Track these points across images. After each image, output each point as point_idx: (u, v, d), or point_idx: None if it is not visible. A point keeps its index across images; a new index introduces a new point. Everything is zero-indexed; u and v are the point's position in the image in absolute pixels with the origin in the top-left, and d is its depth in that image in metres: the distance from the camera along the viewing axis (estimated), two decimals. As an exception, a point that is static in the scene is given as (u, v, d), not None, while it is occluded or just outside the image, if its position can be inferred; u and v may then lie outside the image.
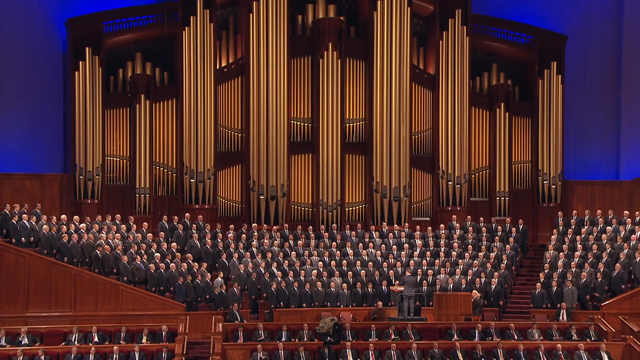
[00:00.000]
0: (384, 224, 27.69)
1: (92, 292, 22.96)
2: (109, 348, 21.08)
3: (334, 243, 26.26)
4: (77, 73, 26.97)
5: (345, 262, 25.59)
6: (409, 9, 28.59)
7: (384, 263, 25.65)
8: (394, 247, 26.23)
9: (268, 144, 27.99)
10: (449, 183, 28.88)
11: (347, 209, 28.66)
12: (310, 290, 24.30)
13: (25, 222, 23.75)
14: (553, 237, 26.53)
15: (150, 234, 25.43)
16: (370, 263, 25.46)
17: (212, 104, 27.89)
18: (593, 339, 22.44)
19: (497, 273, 24.98)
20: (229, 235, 25.93)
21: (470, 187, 29.24)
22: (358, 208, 28.80)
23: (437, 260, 25.76)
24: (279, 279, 24.33)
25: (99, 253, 23.65)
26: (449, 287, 24.72)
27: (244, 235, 26.12)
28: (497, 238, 26.65)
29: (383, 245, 26.32)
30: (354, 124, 28.94)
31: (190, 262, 24.62)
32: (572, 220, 26.91)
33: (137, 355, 20.93)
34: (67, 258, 23.35)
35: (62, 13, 27.84)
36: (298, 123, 28.67)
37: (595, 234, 25.98)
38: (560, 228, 26.80)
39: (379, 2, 28.34)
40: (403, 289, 23.48)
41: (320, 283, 24.51)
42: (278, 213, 27.88)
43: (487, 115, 29.63)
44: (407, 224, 27.69)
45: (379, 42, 28.43)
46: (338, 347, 21.66)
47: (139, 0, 28.77)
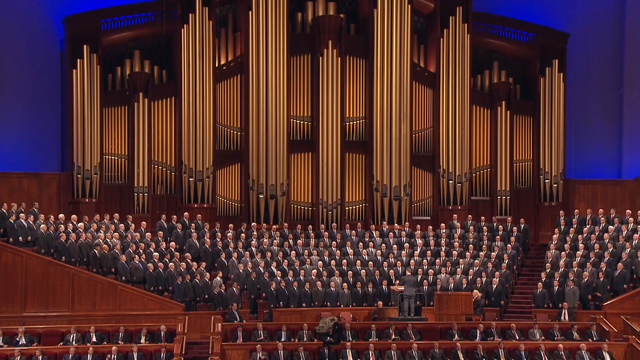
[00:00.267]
0: (384, 223, 27.66)
1: (90, 291, 22.92)
2: (107, 348, 21.06)
3: (334, 242, 26.22)
4: (74, 71, 26.98)
5: (345, 261, 25.56)
6: (410, 7, 28.55)
7: (384, 262, 25.61)
8: (395, 246, 26.19)
9: (267, 143, 27.94)
10: (450, 182, 28.82)
11: (347, 208, 28.62)
12: (310, 290, 24.26)
13: (23, 221, 23.67)
14: (555, 236, 26.51)
15: (149, 233, 25.43)
16: (371, 262, 25.43)
17: (211, 102, 27.86)
18: (595, 339, 22.40)
19: (498, 273, 24.95)
20: (228, 235, 25.90)
21: (471, 186, 29.19)
22: (358, 207, 28.75)
23: (437, 260, 25.73)
24: (279, 279, 24.31)
25: (97, 252, 23.62)
26: (450, 286, 24.69)
27: (243, 235, 26.08)
28: (498, 237, 26.63)
29: (383, 245, 26.29)
30: (354, 123, 28.88)
31: (189, 261, 24.60)
32: (573, 220, 26.89)
33: (135, 356, 20.91)
34: (64, 257, 23.32)
35: (59, 10, 27.82)
36: (298, 121, 28.63)
37: (597, 233, 25.94)
38: (562, 227, 26.77)
39: (379, -1, 28.40)
40: (403, 289, 23.44)
41: (320, 283, 24.47)
42: (277, 212, 27.82)
43: (488, 114, 29.58)
44: (407, 223, 27.66)
45: (379, 39, 28.38)
46: (338, 347, 21.66)
47: (137, -2, 28.80)
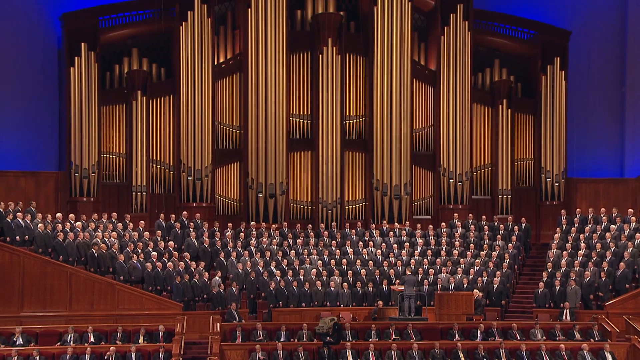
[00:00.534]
0: (385, 222, 27.64)
1: (87, 291, 22.92)
2: (105, 348, 21.05)
3: (334, 242, 26.19)
4: (72, 69, 26.98)
5: (345, 261, 25.54)
6: (410, 4, 28.50)
7: (385, 262, 25.58)
8: (395, 245, 26.18)
9: (267, 141, 27.91)
10: (451, 181, 28.76)
11: (347, 207, 28.56)
12: (310, 290, 24.23)
13: (20, 220, 23.67)
14: (556, 235, 26.48)
15: (147, 233, 25.40)
16: (371, 262, 25.40)
17: (209, 101, 27.83)
18: (597, 339, 22.39)
19: (499, 272, 24.94)
20: (227, 234, 25.86)
21: (472, 185, 29.15)
22: (358, 206, 28.70)
23: (438, 259, 25.70)
24: (278, 278, 24.29)
25: (95, 252, 23.60)
26: (451, 286, 24.68)
27: (242, 234, 26.03)
28: (499, 237, 26.61)
29: (383, 244, 26.26)
30: (354, 121, 28.82)
31: (188, 261, 24.56)
32: (575, 219, 26.86)
33: (133, 356, 20.91)
34: (62, 257, 23.30)
35: (57, 8, 27.80)
36: (297, 120, 28.56)
37: (599, 233, 25.89)
38: (564, 226, 26.74)
39: (380, -4, 28.36)
40: (404, 289, 23.39)
41: (320, 282, 24.44)
42: (277, 211, 27.76)
43: (489, 112, 29.55)
44: (408, 222, 27.64)
45: (380, 37, 28.33)
46: (338, 347, 21.65)
47: (136, -5, 28.72)
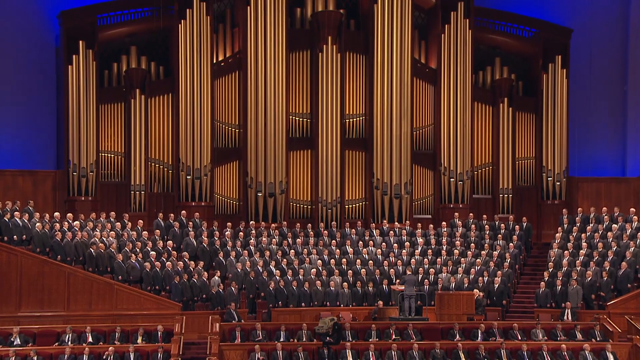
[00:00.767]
0: (385, 222, 27.63)
1: (86, 291, 22.89)
2: (104, 349, 21.03)
3: (334, 241, 26.15)
4: (70, 67, 26.95)
5: (345, 260, 25.51)
6: (410, 2, 28.49)
7: (385, 261, 25.56)
8: (395, 245, 26.16)
9: (266, 140, 27.88)
10: (451, 180, 28.71)
11: (346, 207, 28.51)
12: (309, 290, 24.21)
13: (17, 219, 23.67)
14: (557, 235, 26.45)
15: (146, 232, 25.34)
16: (371, 261, 25.37)
17: (208, 99, 27.80)
18: (598, 340, 22.38)
19: (500, 272, 24.94)
20: (226, 233, 25.82)
21: (473, 184, 29.12)
22: (358, 205, 28.65)
23: (438, 259, 25.67)
24: (278, 278, 24.27)
25: (93, 251, 23.59)
26: (451, 286, 24.64)
27: (242, 233, 25.99)
28: (500, 236, 26.58)
29: (384, 244, 26.23)
30: (354, 120, 28.76)
31: (187, 260, 24.54)
32: (577, 218, 26.83)
33: (132, 356, 20.90)
34: (60, 256, 23.29)
35: (54, 5, 27.80)
36: (297, 118, 28.51)
37: (601, 232, 25.87)
38: (565, 226, 26.70)
39: (380, -6, 28.34)
40: (404, 288, 23.39)
41: (320, 282, 24.42)
42: (276, 210, 27.72)
43: (490, 111, 29.53)
44: (408, 222, 27.60)
45: (380, 35, 28.29)
46: (338, 347, 21.63)
47: (134, -7, 28.70)
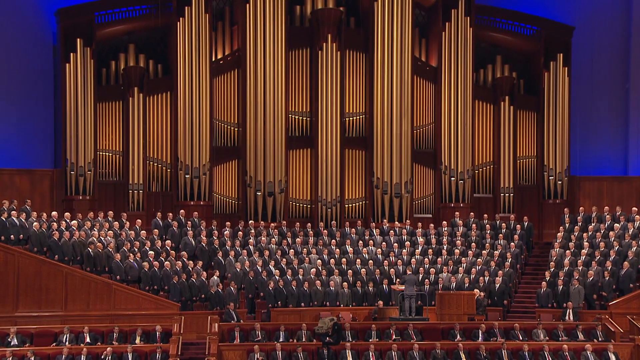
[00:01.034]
0: (385, 221, 27.60)
1: (83, 291, 22.89)
2: (102, 349, 21.03)
3: (333, 241, 26.13)
4: (68, 65, 26.93)
5: (345, 260, 25.50)
6: (411, 0, 28.17)
7: (385, 261, 25.54)
8: (395, 244, 26.16)
9: (265, 139, 27.84)
10: (452, 179, 28.66)
11: (346, 206, 28.47)
12: (309, 290, 24.20)
13: (15, 219, 23.66)
14: (559, 234, 26.45)
15: (144, 232, 25.37)
16: (371, 261, 25.36)
17: (207, 97, 27.78)
18: (600, 340, 22.37)
19: (501, 272, 24.95)
20: (225, 233, 25.81)
21: (474, 183, 29.09)
22: (358, 204, 28.60)
23: (439, 259, 25.65)
24: (277, 278, 24.24)
25: (91, 251, 23.60)
26: (452, 286, 24.64)
27: (241, 233, 25.98)
28: (501, 235, 26.59)
29: (384, 243, 26.22)
30: (354, 118, 28.70)
31: (185, 260, 24.52)
32: (578, 217, 26.82)
33: (130, 356, 20.89)
34: (57, 256, 23.31)
35: (52, 3, 27.77)
36: (296, 117, 28.48)
37: (603, 231, 25.86)
38: (567, 225, 26.69)
39: (380, -8, 28.30)
40: (404, 288, 23.37)
41: (319, 282, 24.40)
42: (276, 210, 27.67)
43: (491, 109, 29.49)
44: (408, 221, 27.58)
45: (380, 33, 28.23)
46: (337, 347, 21.64)
47: (132, -10, 28.68)
